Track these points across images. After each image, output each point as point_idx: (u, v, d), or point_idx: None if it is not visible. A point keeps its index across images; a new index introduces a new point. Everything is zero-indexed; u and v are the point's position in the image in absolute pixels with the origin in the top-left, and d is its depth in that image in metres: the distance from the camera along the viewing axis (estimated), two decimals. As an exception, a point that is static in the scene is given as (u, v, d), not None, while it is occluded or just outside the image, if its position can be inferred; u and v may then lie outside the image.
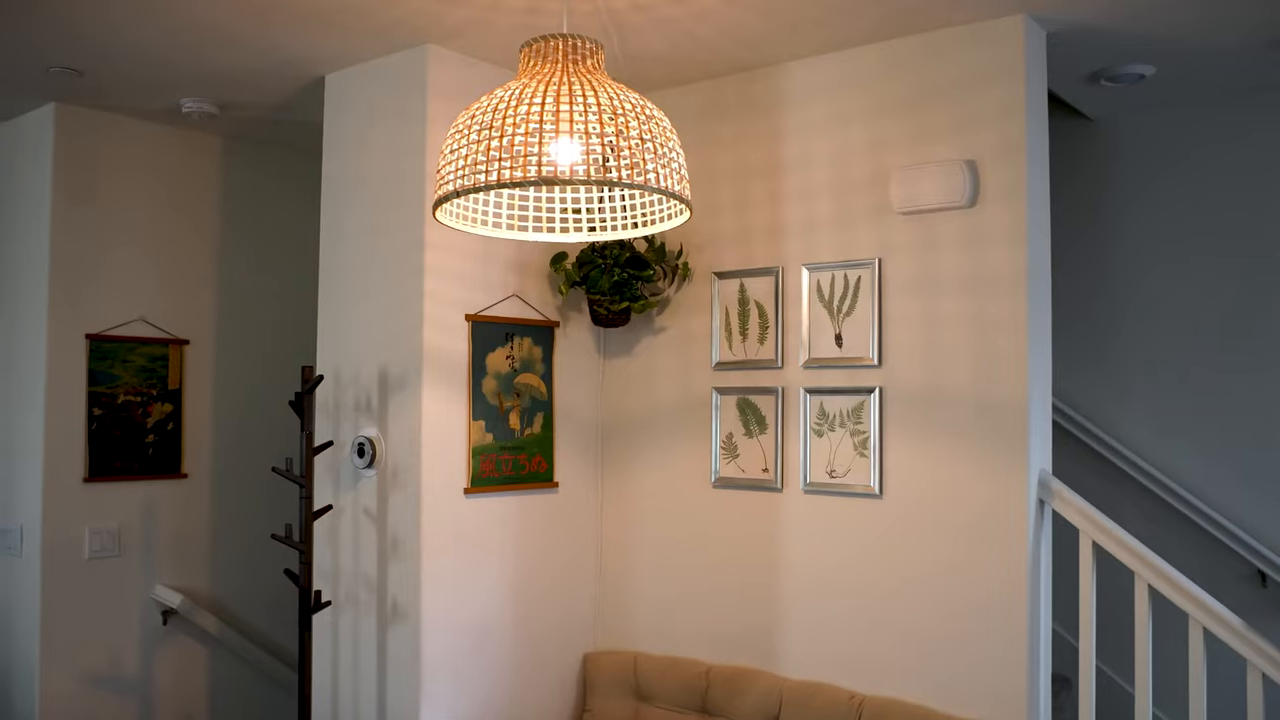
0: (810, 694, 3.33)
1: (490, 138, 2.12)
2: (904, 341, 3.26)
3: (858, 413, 3.32)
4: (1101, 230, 4.22)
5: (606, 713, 3.71)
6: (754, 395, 3.55)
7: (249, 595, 4.53)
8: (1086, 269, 4.23)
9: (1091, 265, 4.23)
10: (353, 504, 3.54)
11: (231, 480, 4.48)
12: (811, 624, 3.42)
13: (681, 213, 2.41)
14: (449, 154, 2.20)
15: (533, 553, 3.69)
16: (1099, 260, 4.22)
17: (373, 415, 3.49)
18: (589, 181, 2.12)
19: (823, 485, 3.39)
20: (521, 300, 3.64)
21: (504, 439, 3.56)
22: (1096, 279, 4.22)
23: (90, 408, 4.03)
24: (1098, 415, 4.21)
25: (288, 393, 4.53)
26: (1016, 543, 3.05)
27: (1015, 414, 3.05)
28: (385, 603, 3.43)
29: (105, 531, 4.07)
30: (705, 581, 3.67)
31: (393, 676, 3.40)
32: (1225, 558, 3.93)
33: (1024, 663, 3.03)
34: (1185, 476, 4.04)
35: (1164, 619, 3.39)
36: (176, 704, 4.28)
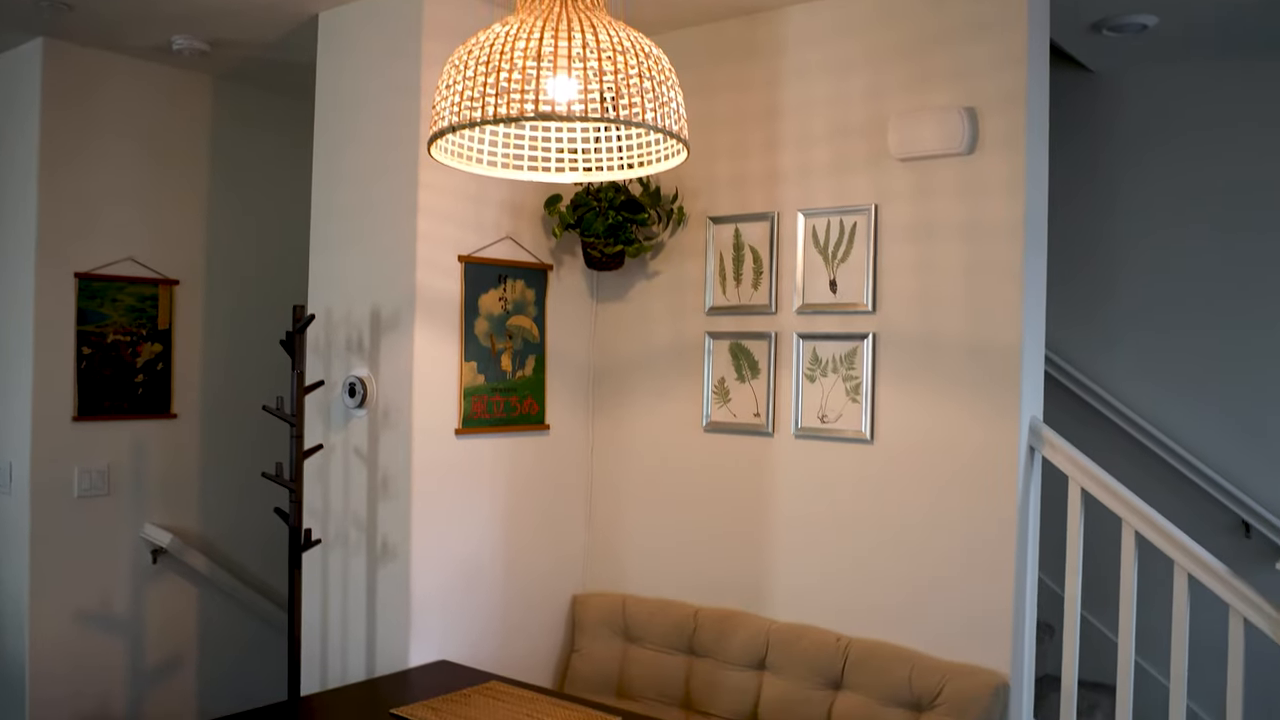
0: (797, 636, 3.36)
1: (487, 73, 2.09)
2: (899, 288, 3.25)
3: (850, 358, 3.32)
4: (1099, 182, 4.21)
5: (595, 653, 3.75)
6: (747, 340, 3.55)
7: (238, 535, 4.55)
8: (1081, 220, 4.23)
9: (1087, 216, 4.23)
10: (343, 444, 3.54)
11: (221, 420, 4.47)
12: (800, 568, 3.45)
13: (678, 153, 2.38)
14: (445, 89, 2.17)
15: (523, 494, 3.70)
16: (1094, 211, 4.22)
17: (364, 355, 3.48)
18: (586, 119, 2.10)
19: (814, 430, 3.40)
20: (515, 242, 3.62)
21: (495, 380, 3.56)
22: (1091, 230, 4.22)
23: (79, 347, 4.01)
24: (1088, 366, 4.23)
25: (278, 334, 4.51)
26: (1006, 489, 3.07)
27: (1008, 361, 3.06)
28: (375, 542, 3.44)
29: (94, 470, 4.06)
30: (695, 525, 3.69)
31: (382, 615, 3.43)
32: (1210, 509, 3.97)
33: (1010, 608, 3.06)
34: (1173, 428, 4.06)
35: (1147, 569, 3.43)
36: (166, 642, 4.31)
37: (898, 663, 3.16)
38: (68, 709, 4.01)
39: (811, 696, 3.27)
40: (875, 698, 3.16)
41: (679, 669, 3.58)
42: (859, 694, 3.20)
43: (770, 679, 3.37)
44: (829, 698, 3.25)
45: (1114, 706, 3.84)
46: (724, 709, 3.44)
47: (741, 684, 3.42)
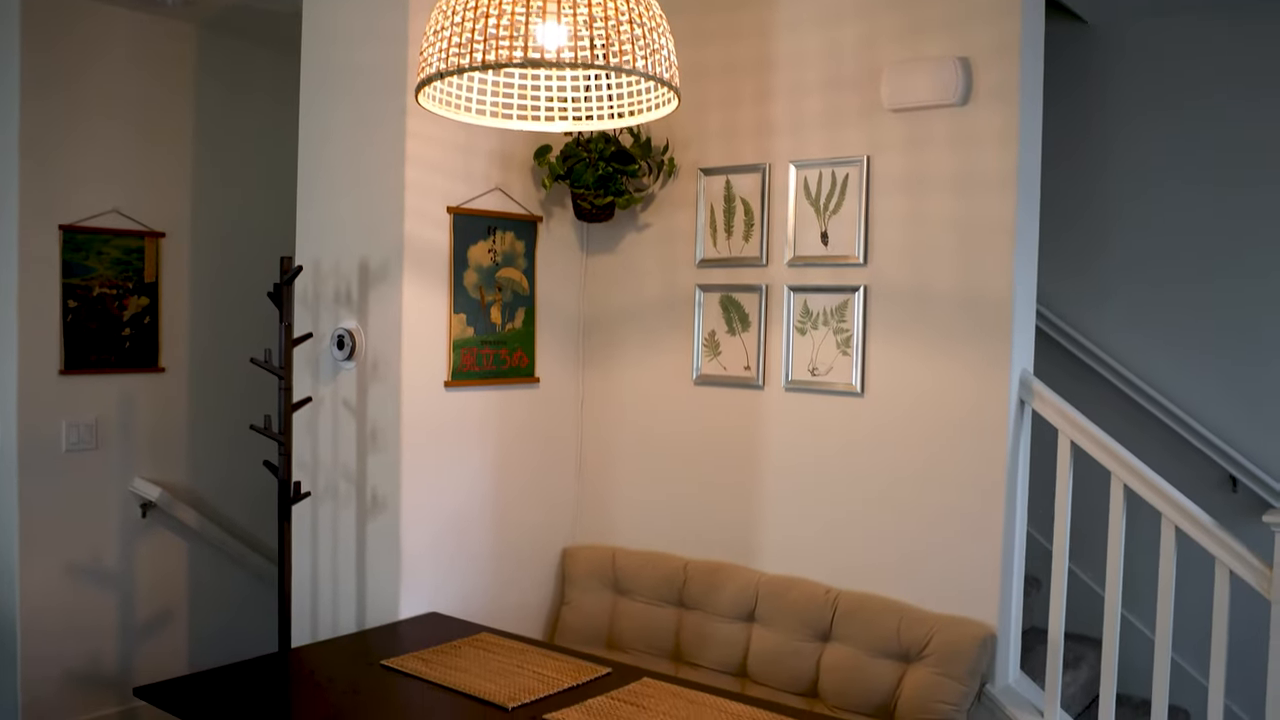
0: (787, 588, 3.37)
1: (475, 19, 2.05)
2: (890, 240, 3.24)
3: (841, 311, 3.31)
4: (1093, 135, 4.19)
5: (585, 606, 3.76)
6: (737, 293, 3.53)
7: (227, 489, 4.54)
8: (1074, 173, 4.21)
9: (1080, 170, 4.21)
10: (332, 396, 3.53)
11: (209, 374, 4.45)
12: (790, 521, 3.46)
13: (669, 102, 2.36)
14: (432, 35, 2.13)
15: (513, 447, 3.70)
16: (1088, 165, 4.20)
17: (352, 307, 3.45)
18: (575, 66, 2.07)
19: (804, 383, 3.40)
20: (504, 194, 3.59)
21: (485, 333, 3.54)
22: (1084, 184, 4.20)
23: (65, 299, 3.97)
24: (1079, 320, 4.22)
25: (266, 286, 4.48)
26: (996, 442, 3.07)
27: (999, 314, 3.05)
28: (365, 494, 3.44)
29: (82, 424, 4.04)
30: (685, 478, 3.69)
31: (372, 568, 3.43)
32: (1198, 463, 3.99)
33: (998, 560, 3.07)
34: (1162, 383, 4.07)
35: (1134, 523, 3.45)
36: (156, 596, 4.31)
37: (886, 615, 3.18)
38: (59, 662, 4.02)
39: (800, 648, 3.29)
40: (864, 649, 3.18)
41: (669, 621, 3.59)
42: (848, 645, 3.22)
43: (759, 631, 3.39)
44: (818, 649, 3.27)
45: (1099, 658, 3.88)
46: (713, 661, 3.46)
47: (731, 636, 3.44)
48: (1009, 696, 3.11)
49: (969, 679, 3.01)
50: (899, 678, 3.11)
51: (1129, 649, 3.98)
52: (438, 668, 2.87)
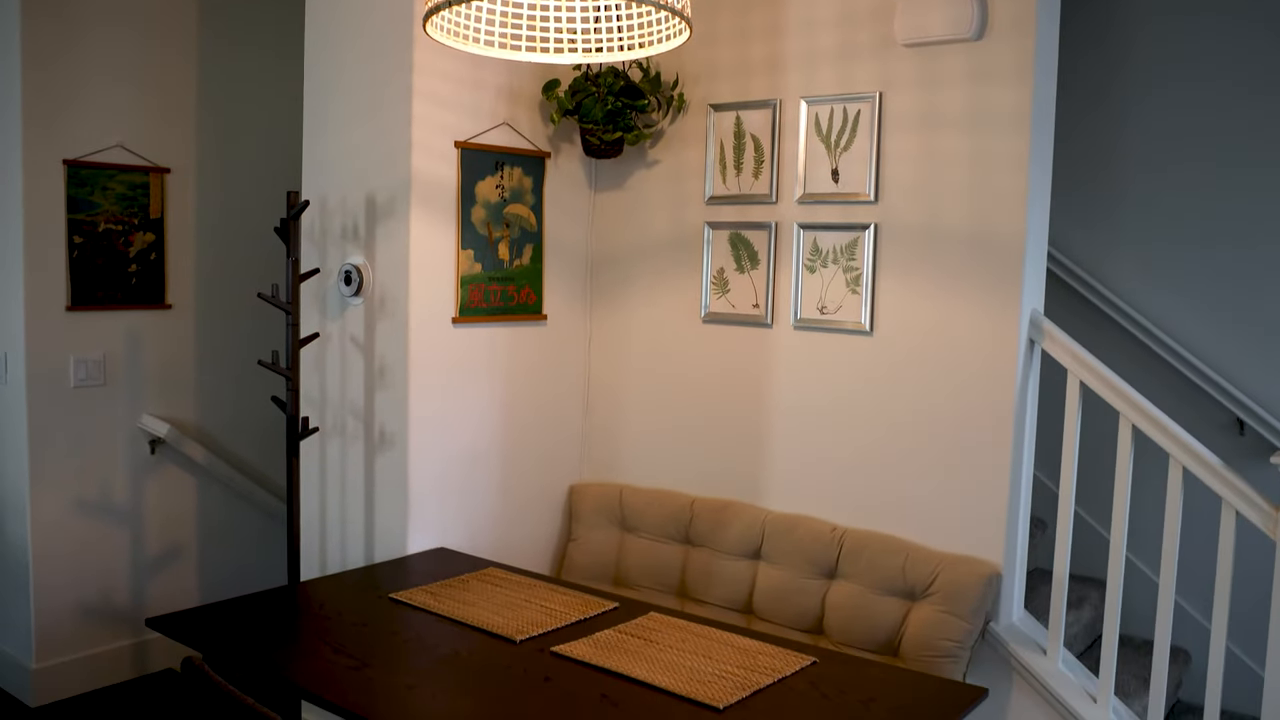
0: (793, 526, 3.39)
1: (484, -58, 2.02)
2: (902, 177, 3.21)
3: (851, 249, 3.29)
4: (1107, 72, 4.13)
5: (592, 542, 3.78)
6: (746, 230, 3.51)
7: (235, 426, 4.56)
8: (1088, 111, 4.16)
9: (1093, 108, 4.15)
10: (339, 332, 3.52)
11: (216, 311, 4.45)
12: (796, 459, 3.46)
13: (680, 33, 2.32)
14: (440, -40, 2.10)
15: (520, 384, 3.70)
16: (1102, 102, 4.14)
17: (360, 243, 3.44)
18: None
19: (813, 322, 3.38)
20: (512, 129, 3.55)
21: (493, 269, 3.53)
22: (1097, 122, 4.15)
23: (70, 235, 3.96)
24: (1089, 264, 4.20)
25: (272, 222, 4.47)
26: (1005, 382, 3.06)
27: (1011, 253, 3.03)
28: (373, 430, 3.45)
29: (90, 360, 4.05)
30: (692, 416, 3.69)
31: (381, 503, 3.44)
32: (1205, 406, 3.98)
33: (1005, 499, 3.08)
34: (1171, 326, 4.05)
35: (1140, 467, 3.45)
36: (166, 532, 4.34)
37: (892, 553, 3.19)
38: (71, 596, 4.06)
39: (806, 585, 3.30)
40: (869, 586, 3.20)
41: (675, 558, 3.61)
42: (853, 583, 3.23)
43: (765, 568, 3.41)
44: (823, 586, 3.29)
45: (1102, 599, 3.90)
46: (719, 597, 3.48)
47: (737, 573, 3.46)
48: (1013, 634, 3.13)
49: (973, 617, 3.02)
50: (904, 615, 3.13)
51: (1131, 590, 4.00)
52: (446, 601, 2.89)
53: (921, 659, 3.03)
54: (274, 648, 2.56)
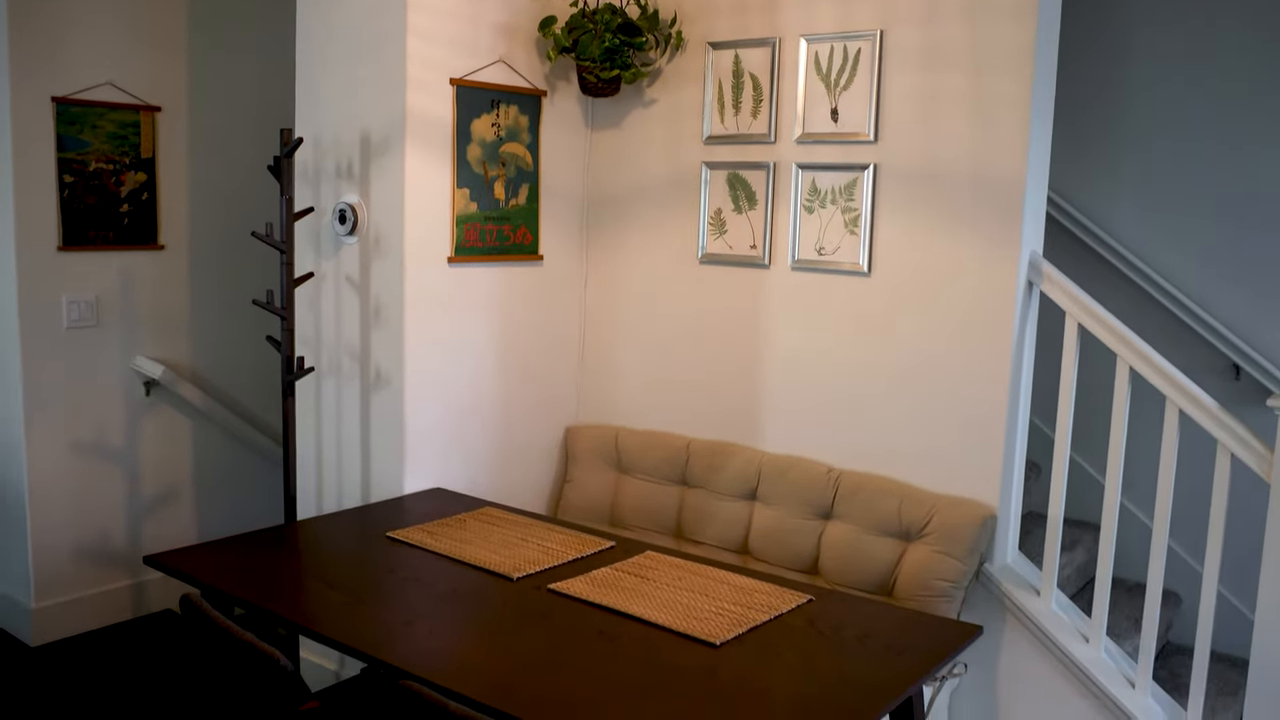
0: (788, 467, 3.39)
1: None
2: (902, 117, 3.17)
3: (850, 189, 3.26)
4: (1110, 13, 4.08)
5: (588, 484, 3.79)
6: (744, 170, 3.48)
7: (230, 367, 4.54)
8: (1089, 53, 4.11)
9: (1096, 50, 4.10)
10: (334, 271, 3.50)
11: (209, 252, 4.41)
12: (793, 401, 3.46)
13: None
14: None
15: (516, 325, 3.68)
16: (1104, 46, 4.09)
17: (354, 181, 3.40)
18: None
19: (811, 263, 3.36)
20: (508, 66, 3.50)
21: (488, 209, 3.50)
22: (1099, 65, 4.10)
23: (60, 175, 3.91)
24: (1087, 207, 4.17)
25: (265, 161, 4.42)
26: (1003, 323, 3.05)
27: (1011, 193, 3.00)
28: (369, 370, 3.43)
29: (83, 301, 4.02)
30: (688, 358, 3.69)
31: (377, 444, 3.44)
32: (1202, 352, 3.98)
33: (1001, 442, 3.08)
34: (1169, 270, 4.04)
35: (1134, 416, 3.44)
36: (162, 474, 4.34)
37: (887, 494, 3.20)
38: (69, 538, 4.07)
39: (801, 526, 3.32)
40: (864, 528, 3.21)
41: (671, 499, 3.62)
42: (848, 524, 3.25)
43: (761, 509, 3.42)
44: (819, 527, 3.30)
45: (1094, 542, 3.93)
46: (715, 538, 3.50)
47: (733, 514, 3.47)
48: (1007, 575, 3.15)
49: (968, 558, 3.04)
50: (899, 556, 3.14)
51: (1123, 534, 4.03)
52: (443, 540, 2.90)
53: (916, 599, 3.04)
54: (271, 584, 2.56)
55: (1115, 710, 2.96)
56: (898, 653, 2.30)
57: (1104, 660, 3.02)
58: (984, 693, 3.19)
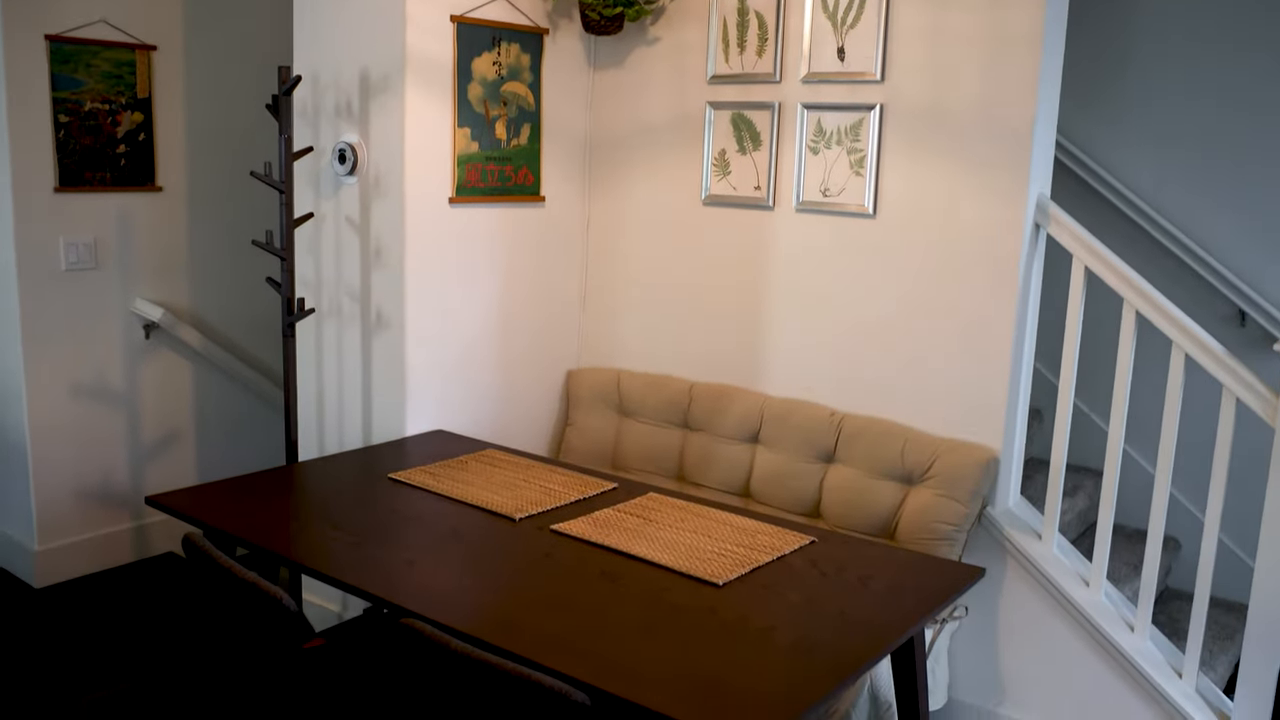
0: (791, 410, 3.38)
1: None
2: (909, 56, 3.12)
3: (856, 130, 3.22)
4: (1120, -48, 4.01)
5: (589, 427, 3.78)
6: (749, 110, 3.43)
7: (229, 310, 4.51)
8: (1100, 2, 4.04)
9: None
10: (334, 212, 3.46)
11: (208, 193, 4.37)
12: (796, 343, 3.44)
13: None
14: None
15: (518, 267, 3.65)
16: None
17: (354, 120, 3.36)
18: None
19: (815, 204, 3.33)
20: (509, 3, 3.44)
21: (490, 148, 3.45)
22: (1109, 7, 4.04)
23: (55, 114, 3.86)
24: (1095, 151, 4.12)
25: (263, 101, 4.37)
26: (1009, 266, 3.03)
27: (1020, 133, 2.96)
28: (369, 312, 3.41)
29: (80, 243, 3.98)
30: (691, 300, 3.66)
31: (378, 386, 3.43)
32: (1207, 298, 3.95)
33: (1005, 385, 3.07)
34: (1176, 215, 4.00)
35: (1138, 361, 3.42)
36: (163, 416, 4.33)
37: (890, 437, 3.19)
38: (70, 480, 4.07)
39: (804, 469, 3.31)
40: (866, 471, 3.21)
41: (673, 442, 3.62)
42: (851, 467, 3.24)
43: (763, 452, 3.41)
44: (821, 471, 3.30)
45: (1095, 488, 3.93)
46: (717, 481, 3.49)
47: (735, 457, 3.47)
48: (1009, 519, 3.15)
49: (971, 501, 3.04)
50: (901, 499, 3.14)
51: (1123, 481, 4.03)
52: (445, 481, 2.90)
53: (918, 541, 3.05)
54: (274, 525, 2.56)
55: (1114, 653, 2.97)
56: (900, 594, 2.30)
57: (1104, 604, 3.02)
58: (984, 635, 3.20)
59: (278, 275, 4.48)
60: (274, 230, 4.24)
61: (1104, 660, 3.00)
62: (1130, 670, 2.96)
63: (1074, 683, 3.06)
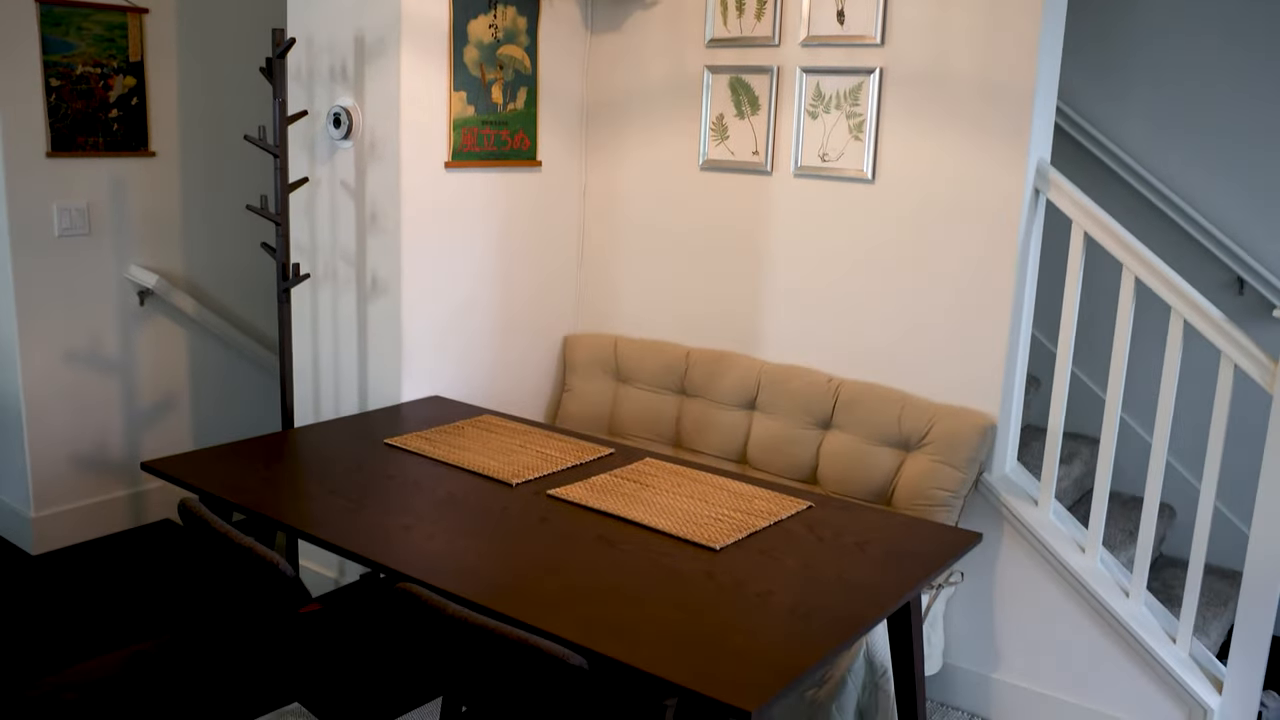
0: (789, 376, 3.37)
1: None
2: (910, 19, 3.09)
3: (855, 94, 3.19)
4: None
5: (586, 393, 3.77)
6: (747, 74, 3.40)
7: (224, 277, 4.49)
8: (1102, -42, 4.00)
9: (1108, -46, 4.00)
10: (329, 177, 3.44)
11: (201, 159, 4.33)
12: (794, 310, 3.43)
13: None
14: None
15: (514, 232, 3.63)
16: (1116, -52, 3.99)
17: (348, 84, 3.32)
18: None
19: (814, 169, 3.31)
20: (504, -35, 3.41)
21: (486, 112, 3.42)
22: (1111, -31, 4.00)
23: (47, 78, 3.82)
24: (1096, 117, 4.09)
25: (257, 65, 4.33)
26: (1008, 232, 3.01)
27: (1020, 99, 2.94)
28: (365, 277, 3.39)
29: (73, 209, 3.96)
30: (688, 266, 3.64)
31: (374, 351, 3.41)
32: (1206, 266, 3.94)
33: (1003, 352, 3.06)
34: (1175, 182, 3.98)
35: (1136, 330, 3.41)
36: (159, 384, 4.32)
37: (888, 404, 3.19)
38: (66, 447, 4.06)
39: (801, 436, 3.31)
40: (864, 437, 3.20)
41: (670, 409, 3.61)
42: (848, 433, 3.24)
43: (760, 419, 3.41)
44: (818, 437, 3.29)
45: (1091, 455, 3.93)
46: (714, 447, 3.49)
47: (732, 423, 3.46)
48: (1005, 485, 3.15)
49: (968, 467, 3.04)
50: (898, 465, 3.14)
51: (1119, 448, 4.04)
52: (441, 446, 2.89)
53: (915, 507, 3.05)
54: (270, 490, 2.55)
55: (1109, 618, 2.98)
56: (897, 559, 2.30)
57: (1099, 570, 3.03)
58: (980, 601, 3.21)
59: (273, 241, 4.46)
60: (269, 195, 4.21)
61: (1099, 626, 3.01)
62: (1125, 635, 2.97)
63: (1069, 648, 3.07)
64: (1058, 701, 3.11)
